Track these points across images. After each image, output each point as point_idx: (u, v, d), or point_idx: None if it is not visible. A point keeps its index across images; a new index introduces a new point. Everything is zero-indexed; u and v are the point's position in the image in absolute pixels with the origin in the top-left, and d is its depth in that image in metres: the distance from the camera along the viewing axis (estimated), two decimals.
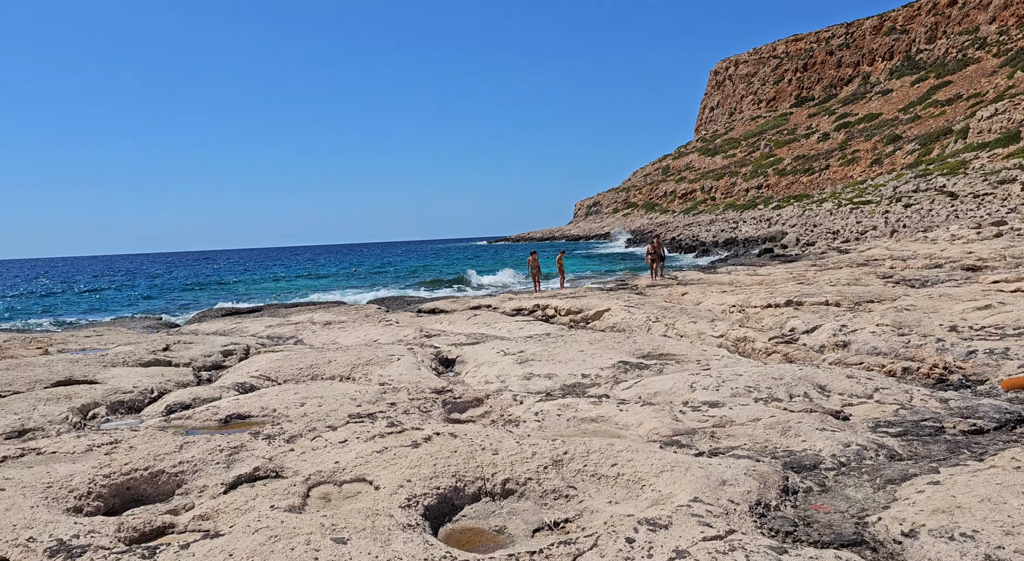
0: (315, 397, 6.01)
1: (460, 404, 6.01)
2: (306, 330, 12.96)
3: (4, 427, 5.76)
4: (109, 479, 4.10)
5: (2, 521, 3.36)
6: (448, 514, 3.63)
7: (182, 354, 9.72)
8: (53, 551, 3.05)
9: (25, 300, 42.23)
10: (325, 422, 5.20)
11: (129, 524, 3.47)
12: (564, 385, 6.76)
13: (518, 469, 3.93)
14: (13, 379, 7.66)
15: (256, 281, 53.34)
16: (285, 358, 8.40)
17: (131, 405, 6.96)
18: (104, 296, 43.19)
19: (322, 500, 3.75)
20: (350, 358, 8.11)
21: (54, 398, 6.74)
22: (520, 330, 11.50)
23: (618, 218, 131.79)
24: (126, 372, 8.22)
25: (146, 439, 4.73)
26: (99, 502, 3.95)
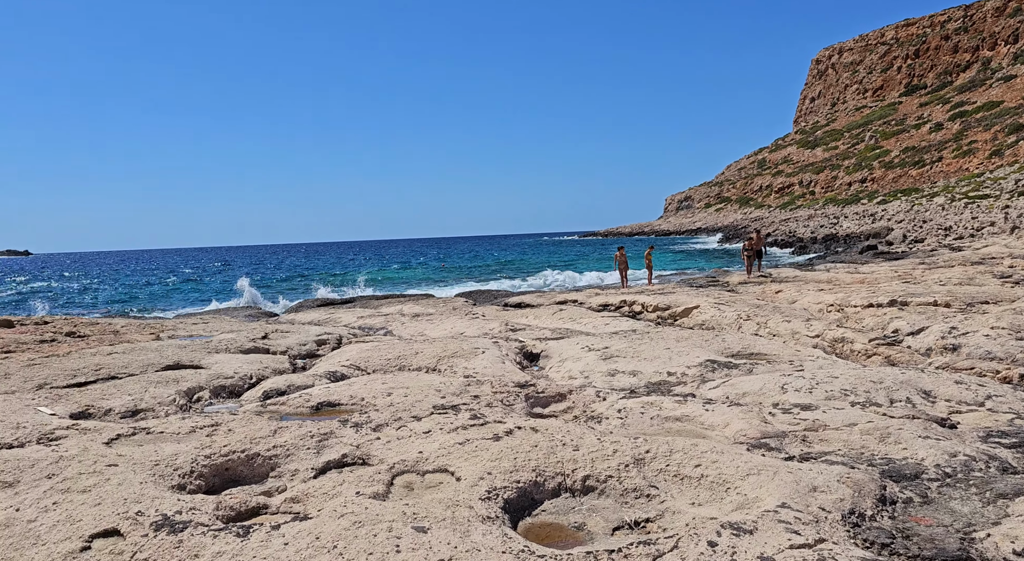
0: (402, 387, 6.15)
1: (543, 399, 6.01)
2: (395, 321, 13.30)
3: (120, 407, 6.19)
4: (210, 460, 4.33)
5: (115, 494, 3.61)
6: (527, 508, 3.64)
7: (279, 342, 10.17)
8: (158, 525, 3.25)
9: (138, 289, 45.28)
10: (410, 412, 5.31)
11: (226, 503, 3.66)
12: (649, 383, 6.65)
13: (599, 466, 3.89)
14: (129, 362, 8.22)
15: (349, 273, 55.19)
16: (374, 349, 8.64)
17: (232, 390, 7.33)
18: (208, 285, 45.72)
19: (405, 489, 3.83)
20: (436, 350, 8.25)
21: (164, 381, 7.19)
22: (606, 326, 11.39)
23: (710, 213, 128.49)
24: (228, 358, 8.67)
25: (244, 423, 4.97)
26: (200, 481, 4.18)
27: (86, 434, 4.92)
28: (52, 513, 3.45)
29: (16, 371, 7.82)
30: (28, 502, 3.57)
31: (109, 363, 8.20)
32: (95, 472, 3.94)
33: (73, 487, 3.74)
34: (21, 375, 7.65)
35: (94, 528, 3.28)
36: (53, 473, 3.93)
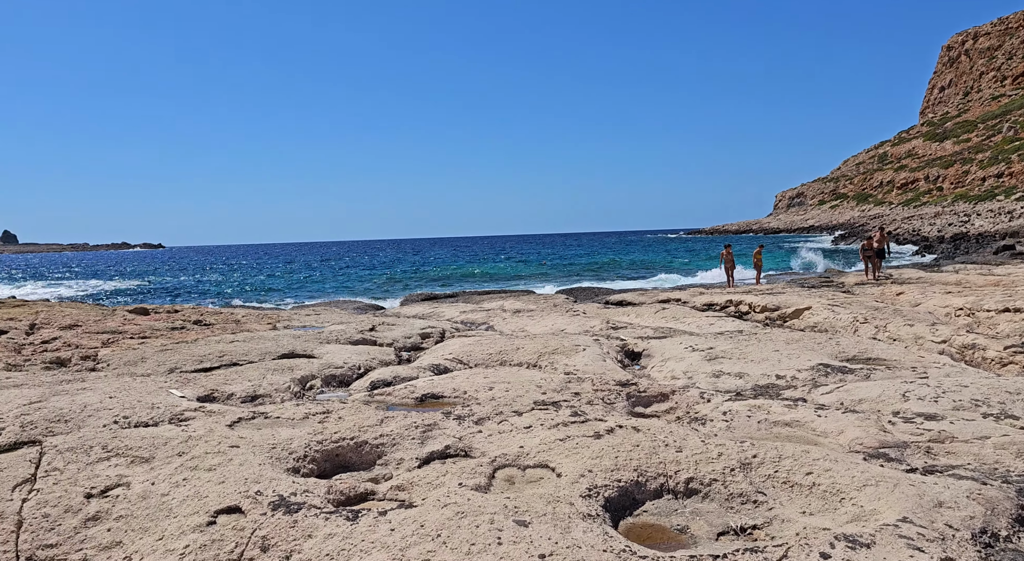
0: (503, 382, 6.22)
1: (644, 398, 5.92)
2: (497, 317, 13.46)
3: (240, 392, 6.59)
4: (321, 445, 4.53)
5: (236, 474, 3.84)
6: (628, 508, 3.60)
7: (386, 335, 10.52)
8: (275, 505, 3.44)
9: (257, 280, 48.01)
10: (511, 407, 5.37)
11: (337, 488, 3.82)
12: (756, 385, 6.42)
13: (703, 469, 3.79)
14: (248, 350, 8.73)
15: (452, 268, 56.31)
16: (476, 343, 8.78)
17: (341, 379, 7.65)
18: (322, 278, 47.86)
19: (506, 482, 3.87)
20: (537, 346, 8.29)
21: (280, 369, 7.59)
22: (710, 326, 11.09)
23: (824, 210, 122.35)
24: (338, 349, 9.05)
25: (353, 411, 5.17)
26: (312, 465, 4.38)
27: (211, 416, 5.26)
28: (182, 488, 3.72)
29: (151, 355, 8.48)
30: (162, 477, 3.86)
31: (231, 350, 8.74)
32: (219, 452, 4.21)
33: (200, 465, 4.01)
34: (155, 359, 8.28)
35: (218, 504, 3.51)
36: (183, 451, 4.23)
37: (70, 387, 6.25)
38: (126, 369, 7.96)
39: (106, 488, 3.77)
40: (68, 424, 5.05)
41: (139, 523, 3.46)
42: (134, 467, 4.09)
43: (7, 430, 4.90)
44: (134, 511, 3.55)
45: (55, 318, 11.66)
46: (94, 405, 5.46)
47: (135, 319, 12.20)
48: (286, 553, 3.07)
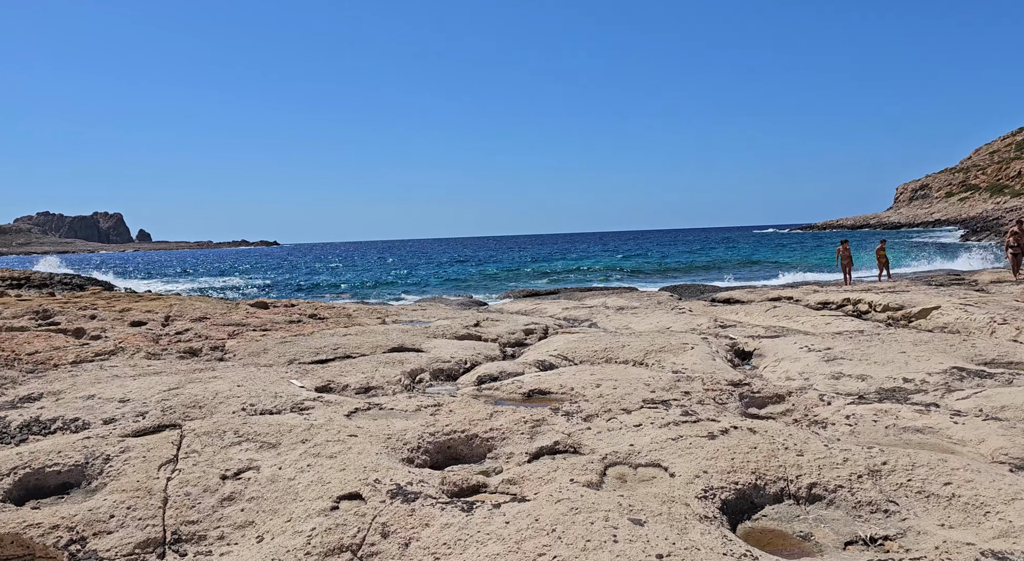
0: (610, 379, 6.16)
1: (758, 399, 5.71)
2: (600, 314, 13.37)
3: (355, 383, 6.85)
4: (434, 437, 4.64)
5: (356, 462, 3.99)
6: (746, 511, 3.48)
7: (490, 330, 10.66)
8: (393, 494, 3.55)
9: (366, 275, 49.81)
10: (620, 405, 5.31)
11: (450, 479, 3.90)
12: (880, 389, 6.06)
13: (827, 475, 3.62)
14: (361, 343, 9.07)
15: (549, 266, 56.40)
16: (581, 340, 8.75)
17: (448, 373, 7.81)
18: (424, 274, 49.08)
19: (618, 480, 3.83)
20: (643, 344, 8.17)
21: (390, 362, 7.84)
22: (827, 325, 10.57)
23: (951, 203, 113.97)
24: (444, 343, 9.25)
25: (463, 405, 5.27)
26: (425, 456, 4.49)
27: (329, 406, 5.49)
28: (307, 474, 3.91)
29: (272, 347, 8.96)
30: (288, 462, 4.07)
31: (344, 343, 9.11)
32: (339, 441, 4.39)
33: (322, 452, 4.20)
34: (276, 351, 8.74)
35: (340, 490, 3.66)
36: (306, 439, 4.44)
37: (202, 375, 6.70)
38: (250, 359, 8.45)
39: (239, 471, 4.01)
40: (202, 410, 5.41)
41: (269, 505, 3.66)
42: (262, 452, 4.33)
43: (150, 413, 5.31)
44: (264, 493, 3.76)
45: (186, 311, 12.53)
46: (224, 393, 5.82)
47: (256, 313, 12.94)
48: (405, 540, 3.17)
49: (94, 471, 4.04)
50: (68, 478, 4.02)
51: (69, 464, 4.06)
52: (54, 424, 5.28)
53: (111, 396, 5.88)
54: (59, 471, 4.01)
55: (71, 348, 9.27)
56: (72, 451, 4.17)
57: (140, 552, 3.33)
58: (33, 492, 3.90)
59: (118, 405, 5.61)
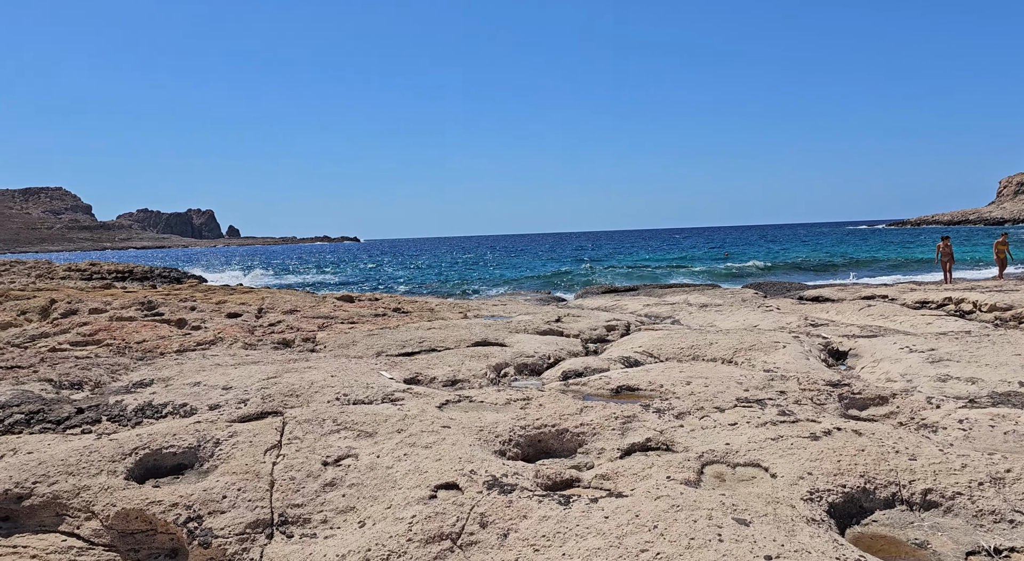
0: (700, 377, 6.04)
1: (859, 400, 5.48)
2: (682, 311, 13.13)
3: (442, 376, 6.96)
4: (524, 431, 4.66)
5: (451, 453, 4.05)
6: (855, 516, 3.34)
7: (571, 326, 10.62)
8: (490, 485, 3.59)
9: (445, 271, 50.56)
10: (712, 403, 5.20)
11: (544, 472, 3.91)
12: (994, 392, 5.71)
13: (943, 481, 3.43)
14: (445, 337, 9.21)
15: (626, 261, 55.77)
16: (666, 337, 8.61)
17: (532, 368, 7.83)
18: (501, 269, 49.40)
19: (716, 479, 3.75)
20: (732, 342, 7.97)
21: (475, 356, 7.92)
22: (927, 325, 10.05)
23: None
24: (527, 338, 9.28)
25: (552, 399, 5.27)
26: (517, 449, 4.52)
27: (420, 397, 5.60)
28: (404, 463, 3.99)
29: (360, 339, 9.21)
30: (385, 451, 4.17)
31: (429, 337, 9.26)
32: (433, 431, 4.47)
33: (418, 442, 4.28)
34: (364, 343, 8.98)
35: (437, 480, 3.72)
36: (401, 429, 4.54)
37: (297, 366, 6.94)
38: (340, 351, 8.70)
39: (339, 458, 4.14)
40: (299, 398, 5.61)
41: (369, 491, 3.76)
42: (360, 440, 4.45)
43: (251, 401, 5.54)
44: (364, 480, 3.87)
45: (277, 304, 13.03)
46: (319, 383, 6.01)
47: (343, 306, 13.32)
48: (503, 531, 3.19)
49: (206, 454, 4.25)
50: (182, 459, 4.24)
51: (183, 446, 4.28)
52: (165, 408, 5.59)
53: (215, 383, 6.17)
54: (174, 452, 4.24)
55: (175, 337, 9.78)
56: (185, 434, 4.40)
57: (251, 531, 3.48)
58: (152, 471, 4.13)
59: (222, 392, 5.88)
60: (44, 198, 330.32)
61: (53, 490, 3.75)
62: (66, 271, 31.63)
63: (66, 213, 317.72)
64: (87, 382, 6.87)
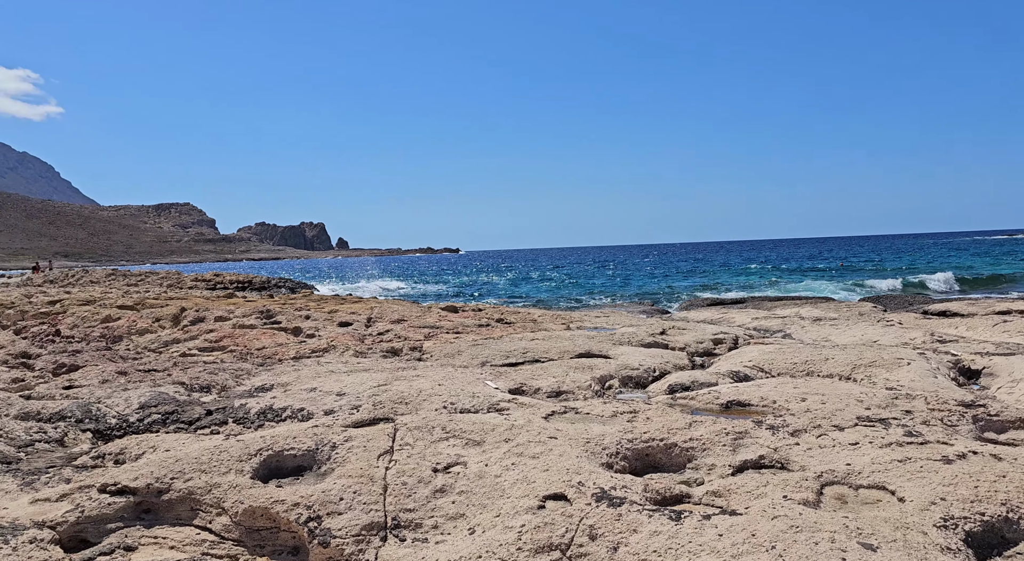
0: (816, 393, 5.78)
1: (996, 423, 5.08)
2: (794, 324, 12.60)
3: (546, 387, 6.98)
4: (632, 444, 4.60)
5: (558, 464, 4.06)
6: (996, 547, 3.09)
7: (677, 339, 10.41)
8: (599, 497, 3.56)
9: (544, 281, 50.71)
10: (830, 421, 4.95)
11: (653, 487, 3.84)
12: None
13: None
14: (548, 348, 9.23)
15: (734, 273, 54.04)
16: (778, 351, 8.29)
17: (637, 381, 7.72)
18: (602, 280, 49.03)
19: (837, 500, 3.57)
20: (850, 357, 7.57)
21: (579, 367, 7.90)
22: None
23: None
24: (631, 350, 9.16)
25: (659, 413, 5.18)
26: (624, 462, 4.46)
27: (526, 408, 5.63)
28: (512, 472, 4.03)
29: (465, 349, 9.37)
30: (493, 460, 4.23)
31: (533, 348, 9.31)
32: (540, 442, 4.48)
33: (525, 452, 4.31)
34: (469, 353, 9.13)
35: (545, 490, 3.73)
36: (508, 438, 4.59)
37: (405, 374, 7.14)
38: (446, 360, 8.90)
39: (448, 465, 4.23)
40: (408, 405, 5.76)
41: (478, 499, 3.82)
42: (468, 449, 4.53)
43: (363, 407, 5.75)
44: (472, 488, 3.93)
45: (385, 313, 13.47)
46: (427, 391, 6.16)
47: (448, 316, 13.62)
48: (613, 544, 3.16)
49: (323, 457, 4.44)
50: (302, 461, 4.45)
51: (303, 449, 4.50)
52: (284, 412, 5.88)
53: (329, 389, 6.45)
54: (295, 455, 4.46)
55: (291, 345, 10.30)
56: (304, 437, 4.62)
57: (366, 533, 3.60)
58: (274, 472, 4.36)
59: (335, 398, 6.13)
60: (174, 213, 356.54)
61: (188, 486, 4.03)
62: (193, 281, 33.99)
63: (193, 227, 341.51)
64: (214, 386, 7.34)
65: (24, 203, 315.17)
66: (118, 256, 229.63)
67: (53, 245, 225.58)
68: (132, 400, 6.33)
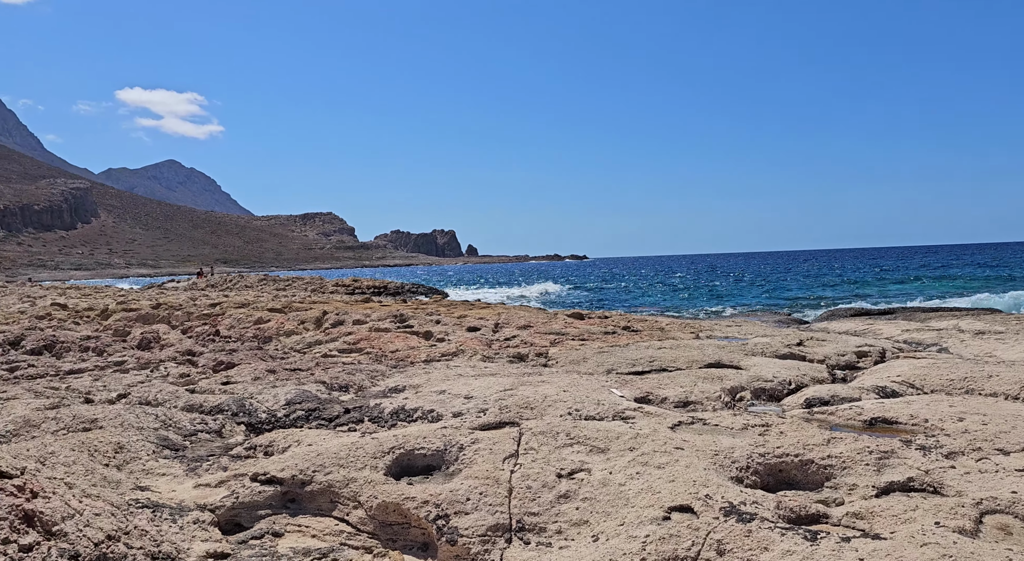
0: (976, 413, 5.28)
1: None
2: (951, 338, 11.58)
3: (673, 396, 6.82)
4: (764, 458, 4.41)
5: (684, 475, 3.96)
6: None
7: (815, 350, 9.85)
8: (727, 511, 3.45)
9: (674, 289, 49.53)
10: (993, 444, 4.51)
11: (786, 504, 3.67)
12: None
13: None
14: (676, 357, 9.02)
15: (884, 282, 50.38)
16: (931, 366, 7.65)
17: (771, 393, 7.39)
18: (733, 288, 47.22)
19: (1000, 531, 3.25)
20: (1018, 375, 6.86)
21: (708, 378, 7.66)
22: None
23: None
24: (765, 362, 8.77)
25: (794, 427, 4.93)
26: (755, 477, 4.29)
27: (651, 417, 5.54)
28: (636, 481, 3.98)
29: (591, 356, 9.35)
30: (617, 468, 4.19)
31: (660, 356, 9.14)
32: (665, 452, 4.40)
33: (650, 462, 4.24)
34: (594, 360, 9.10)
35: (671, 502, 3.65)
36: (633, 447, 4.53)
37: (531, 379, 7.22)
38: (571, 367, 8.91)
39: (572, 471, 4.24)
40: (533, 411, 5.82)
41: (601, 507, 3.80)
42: (592, 456, 4.52)
43: (489, 411, 5.87)
44: (596, 495, 3.92)
45: (512, 319, 13.68)
46: (552, 397, 6.20)
47: (573, 323, 13.63)
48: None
49: (451, 457, 4.58)
50: (431, 461, 4.61)
51: (432, 449, 4.66)
52: (415, 413, 6.12)
53: (457, 392, 6.63)
54: (425, 454, 4.63)
55: (423, 348, 10.69)
56: (434, 438, 4.78)
57: (491, 534, 3.68)
58: (405, 470, 4.54)
59: (463, 401, 6.30)
60: (317, 222, 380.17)
61: (328, 479, 4.28)
62: (334, 286, 36.07)
63: (334, 234, 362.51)
64: (352, 385, 7.75)
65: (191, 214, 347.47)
66: (269, 262, 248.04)
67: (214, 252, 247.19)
68: (280, 397, 6.81)
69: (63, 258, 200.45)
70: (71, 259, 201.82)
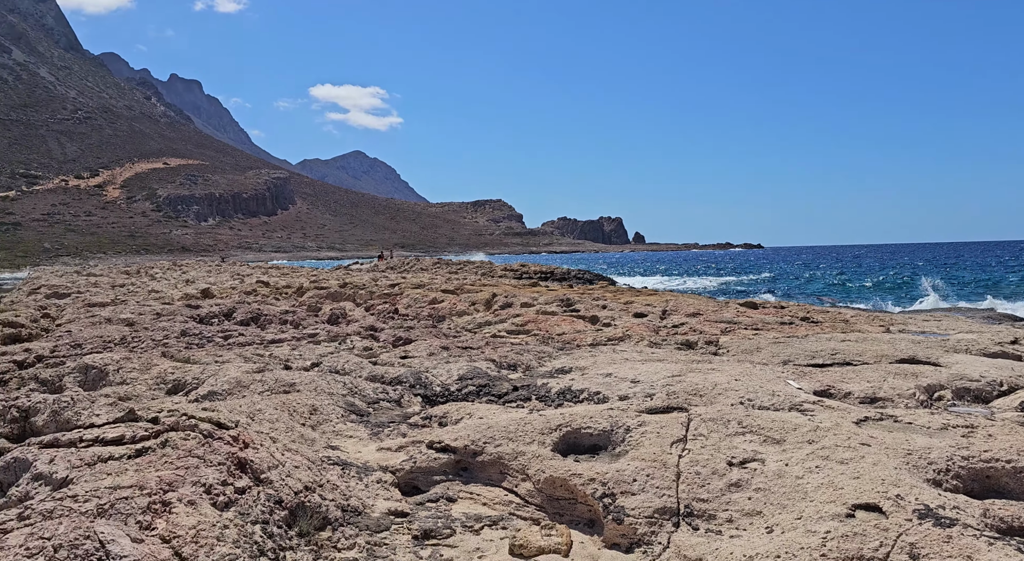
0: None
1: None
2: None
3: (858, 392, 6.34)
4: (967, 462, 3.98)
5: (871, 473, 3.67)
6: None
7: None
8: (921, 514, 3.16)
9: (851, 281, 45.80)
10: None
11: (995, 513, 3.30)
12: None
13: None
14: (862, 351, 8.36)
15: None
16: None
17: (977, 394, 6.64)
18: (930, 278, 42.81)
19: None
20: None
21: (900, 374, 7.02)
22: None
23: None
24: (970, 360, 7.89)
25: (1006, 430, 4.40)
26: (956, 481, 3.88)
27: (833, 411, 5.18)
28: (815, 475, 3.75)
29: (765, 346, 8.90)
30: (794, 460, 3.97)
31: (843, 349, 8.50)
32: (849, 447, 4.10)
33: (831, 456, 3.97)
34: (769, 350, 8.66)
35: (855, 499, 3.40)
36: (812, 440, 4.27)
37: (700, 367, 7.01)
38: (743, 356, 8.54)
39: (744, 460, 4.07)
40: (703, 398, 5.66)
41: (776, 499, 3.62)
42: (766, 446, 4.31)
43: (656, 395, 5.78)
44: (770, 486, 3.74)
45: (680, 306, 13.34)
46: (723, 385, 5.99)
47: (746, 312, 13.04)
48: None
49: (617, 438, 4.57)
50: (597, 440, 4.63)
51: (598, 429, 4.67)
52: (581, 394, 6.17)
53: (624, 376, 6.59)
54: (591, 433, 4.66)
55: (589, 332, 10.73)
56: (600, 418, 4.79)
57: (658, 517, 3.63)
58: (572, 448, 4.60)
59: (630, 384, 6.25)
60: (488, 209, 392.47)
61: (498, 451, 4.44)
62: (503, 270, 37.11)
63: (503, 221, 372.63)
64: (520, 365, 7.96)
65: (373, 202, 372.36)
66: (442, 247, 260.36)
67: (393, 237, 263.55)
68: (453, 372, 7.14)
69: (265, 241, 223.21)
70: (272, 242, 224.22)
